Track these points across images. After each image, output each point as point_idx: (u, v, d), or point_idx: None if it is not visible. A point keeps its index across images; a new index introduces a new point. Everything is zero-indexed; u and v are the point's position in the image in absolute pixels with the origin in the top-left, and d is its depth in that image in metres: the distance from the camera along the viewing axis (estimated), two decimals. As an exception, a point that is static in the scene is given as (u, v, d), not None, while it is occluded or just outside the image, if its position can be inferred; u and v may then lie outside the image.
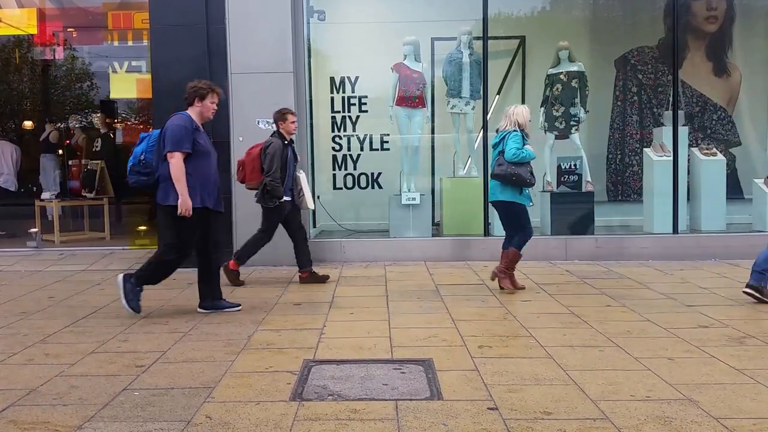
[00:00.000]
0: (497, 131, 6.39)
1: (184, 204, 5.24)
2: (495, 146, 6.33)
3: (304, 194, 6.91)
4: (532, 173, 6.20)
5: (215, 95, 5.55)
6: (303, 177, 6.99)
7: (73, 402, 3.56)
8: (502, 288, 6.34)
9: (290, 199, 6.81)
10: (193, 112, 5.51)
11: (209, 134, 7.77)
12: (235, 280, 6.75)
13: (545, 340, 4.61)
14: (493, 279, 6.44)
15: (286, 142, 6.72)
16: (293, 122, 6.78)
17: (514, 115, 6.20)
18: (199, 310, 5.64)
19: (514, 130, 6.15)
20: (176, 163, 5.27)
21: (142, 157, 5.46)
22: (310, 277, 6.92)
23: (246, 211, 7.86)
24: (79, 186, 10.29)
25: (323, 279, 6.94)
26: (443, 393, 3.60)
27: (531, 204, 6.37)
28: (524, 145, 6.12)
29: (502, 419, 3.24)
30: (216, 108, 5.64)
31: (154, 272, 5.54)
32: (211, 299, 5.65)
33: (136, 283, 5.46)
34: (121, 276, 5.48)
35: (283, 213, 6.77)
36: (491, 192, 6.41)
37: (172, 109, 7.66)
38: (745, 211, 8.93)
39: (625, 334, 4.76)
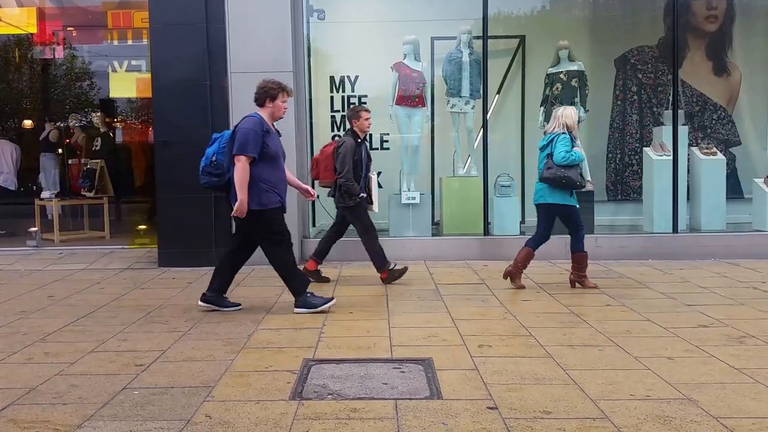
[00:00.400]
0: (544, 134, 6.39)
1: (241, 207, 5.26)
2: (542, 149, 6.31)
3: (372, 196, 6.84)
4: (581, 175, 6.22)
5: (286, 94, 5.53)
6: (374, 179, 6.92)
7: (72, 401, 3.56)
8: (587, 286, 6.38)
9: (365, 196, 6.71)
10: (264, 113, 5.49)
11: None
12: (396, 274, 6.70)
13: (545, 340, 4.61)
14: (573, 285, 6.46)
15: (359, 140, 6.65)
16: (367, 119, 6.70)
17: (562, 117, 6.19)
18: (199, 303, 5.63)
19: (563, 133, 6.14)
20: (241, 166, 5.26)
21: (214, 158, 5.47)
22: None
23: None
24: (88, 184, 10.28)
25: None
26: (443, 392, 3.60)
27: (577, 206, 6.37)
28: (573, 147, 6.12)
29: (501, 418, 3.24)
30: (286, 107, 5.64)
31: (294, 277, 5.60)
32: (218, 294, 5.66)
33: (297, 297, 5.54)
34: (295, 309, 5.54)
35: (364, 207, 6.70)
36: (538, 195, 6.35)
37: (172, 108, 7.79)
38: (745, 210, 8.93)
39: (625, 334, 4.76)
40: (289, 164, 7.81)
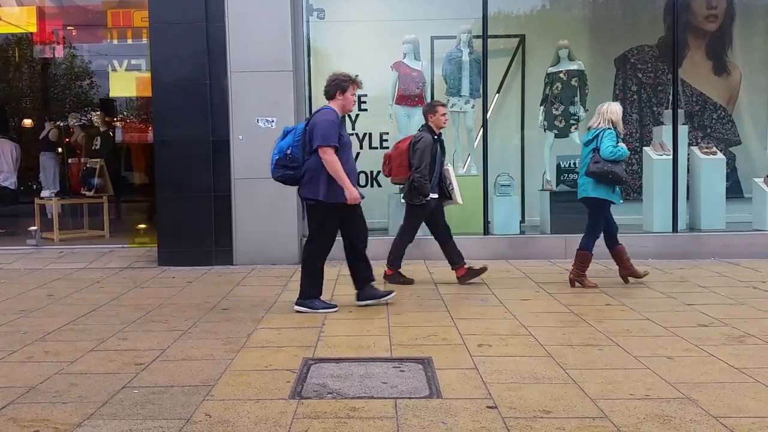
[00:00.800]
0: (589, 129, 6.41)
1: (351, 194, 5.31)
2: (587, 144, 6.33)
3: (454, 188, 6.68)
4: (626, 171, 6.24)
5: (355, 87, 5.56)
6: (451, 171, 6.78)
7: (72, 400, 3.56)
8: (626, 281, 6.52)
9: (437, 196, 6.56)
10: (335, 105, 5.51)
11: (212, 132, 7.88)
12: (404, 280, 6.65)
13: (544, 339, 4.61)
14: (626, 281, 6.53)
15: (435, 136, 6.49)
16: (444, 115, 6.54)
17: (607, 113, 6.21)
18: (296, 308, 5.58)
19: (608, 128, 6.16)
20: (331, 157, 5.28)
21: (289, 151, 5.44)
22: (467, 274, 6.60)
23: (245, 210, 7.88)
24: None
25: (482, 270, 6.59)
26: (442, 391, 3.60)
27: (620, 202, 6.39)
28: (618, 142, 6.14)
29: (501, 417, 3.24)
30: (355, 100, 5.69)
31: (311, 274, 5.59)
32: (366, 288, 5.71)
33: (307, 301, 5.54)
34: (296, 306, 5.56)
35: (428, 211, 6.57)
36: (582, 189, 6.35)
37: (172, 107, 7.79)
38: (744, 210, 8.92)
39: (625, 333, 4.76)
40: (288, 163, 7.88)
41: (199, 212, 7.87)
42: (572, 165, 8.67)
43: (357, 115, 9.63)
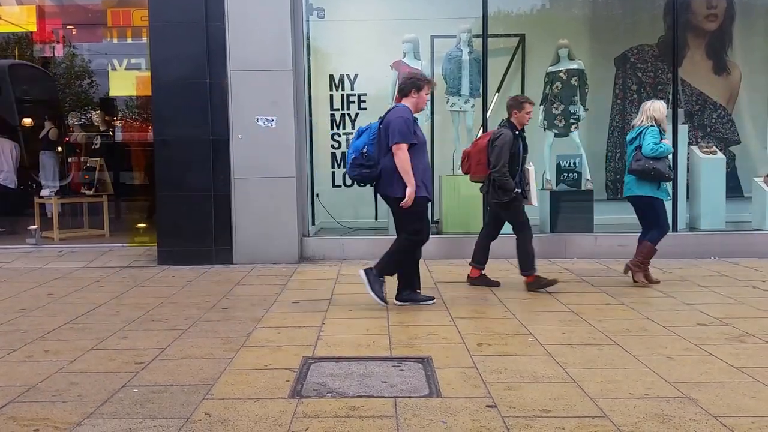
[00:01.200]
0: (633, 127, 6.42)
1: (411, 195, 5.31)
2: (630, 142, 6.35)
3: (531, 189, 6.39)
4: (670, 167, 6.24)
5: (430, 86, 5.62)
6: (532, 171, 6.44)
7: (72, 399, 3.56)
8: (635, 281, 6.40)
9: (520, 191, 6.27)
10: (408, 103, 5.54)
11: (212, 131, 7.88)
12: (543, 283, 6.20)
13: (544, 338, 4.62)
14: (626, 272, 6.48)
15: (517, 132, 6.25)
16: (529, 112, 6.31)
17: (650, 111, 6.23)
18: (395, 301, 5.62)
19: (651, 125, 6.18)
20: (404, 155, 5.31)
21: (365, 150, 5.47)
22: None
23: (245, 209, 7.87)
24: (88, 182, 10.30)
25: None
26: (442, 390, 3.61)
27: (668, 198, 6.38)
28: (661, 140, 6.15)
29: (500, 417, 3.24)
30: (429, 100, 5.68)
31: (394, 262, 5.61)
32: (409, 291, 5.68)
33: (378, 274, 5.57)
34: (362, 270, 5.65)
35: (521, 202, 6.28)
36: (627, 187, 6.38)
37: (172, 106, 7.79)
38: (744, 209, 8.93)
39: (624, 332, 4.76)
40: (288, 162, 7.90)
41: (199, 211, 7.87)
42: (572, 164, 8.66)
43: (357, 114, 9.64)
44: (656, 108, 6.24)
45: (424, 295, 5.77)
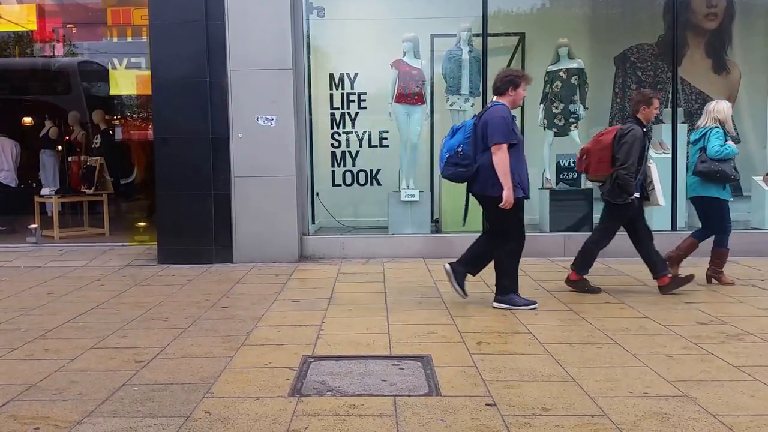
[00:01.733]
0: (696, 128, 6.39)
1: (509, 197, 5.27)
2: (694, 143, 6.32)
3: (654, 188, 6.08)
4: (735, 168, 6.18)
5: (527, 82, 5.55)
6: (654, 169, 6.16)
7: (72, 397, 3.57)
8: (728, 284, 6.38)
9: (638, 196, 5.96)
10: (505, 101, 5.48)
11: (212, 130, 7.89)
12: (590, 288, 6.10)
13: (543, 337, 4.63)
14: (710, 282, 6.44)
15: (645, 129, 5.96)
16: (657, 108, 6.04)
17: (714, 112, 6.18)
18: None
19: (716, 127, 6.15)
20: (503, 156, 5.25)
21: (460, 148, 5.42)
22: (672, 283, 5.99)
23: (244, 208, 7.88)
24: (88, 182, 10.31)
25: (688, 279, 6.03)
26: (441, 389, 3.61)
27: (731, 199, 6.32)
28: (726, 141, 6.12)
29: (500, 415, 3.25)
30: (526, 95, 5.65)
31: (507, 272, 5.53)
32: (505, 293, 5.57)
33: (503, 293, 5.52)
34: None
35: (631, 211, 5.95)
36: (691, 188, 6.33)
37: (172, 105, 7.79)
38: (743, 208, 8.92)
39: (623, 331, 4.77)
40: (287, 161, 7.90)
41: (199, 210, 7.87)
42: (571, 163, 8.66)
43: (357, 114, 9.65)
44: (720, 109, 6.19)
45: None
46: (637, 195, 5.92)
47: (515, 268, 5.58)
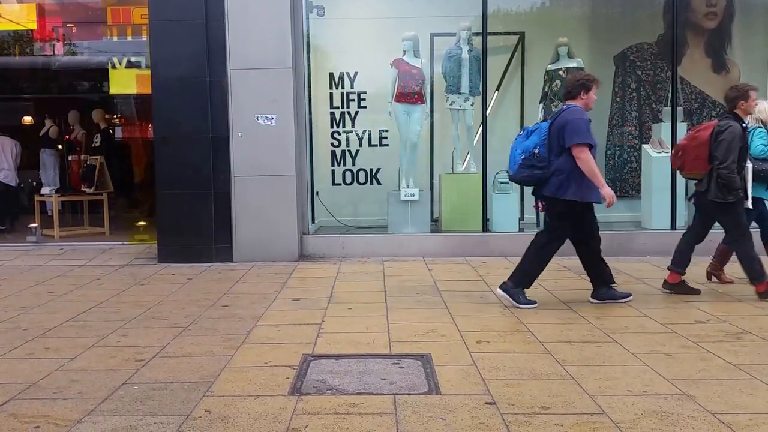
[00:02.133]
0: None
1: (610, 194, 5.26)
2: None
3: (747, 189, 5.81)
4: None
5: (597, 86, 5.57)
6: (750, 168, 5.83)
7: (73, 396, 3.58)
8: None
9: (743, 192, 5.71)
10: (579, 104, 5.47)
11: (212, 129, 7.89)
12: (689, 290, 5.96)
13: (543, 336, 4.63)
14: (709, 279, 6.45)
15: (744, 125, 5.75)
16: (755, 100, 5.86)
17: (756, 113, 6.14)
18: (591, 300, 5.59)
19: (759, 127, 6.14)
20: (588, 157, 5.22)
21: (536, 150, 5.37)
22: (678, 287, 5.97)
23: (244, 207, 7.89)
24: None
25: (695, 291, 5.97)
26: (441, 387, 3.62)
27: None
28: None
29: (499, 413, 3.26)
30: (596, 98, 5.65)
31: (535, 263, 5.52)
32: (605, 288, 5.60)
33: (516, 285, 5.49)
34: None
35: (743, 205, 5.72)
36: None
37: (172, 104, 7.80)
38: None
39: (623, 330, 4.78)
40: (287, 160, 7.91)
41: (199, 209, 7.88)
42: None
43: (356, 113, 9.66)
44: (761, 109, 6.16)
45: (621, 292, 5.66)
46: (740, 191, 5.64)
47: (540, 270, 5.56)
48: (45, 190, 10.73)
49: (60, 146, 12.59)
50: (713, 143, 5.65)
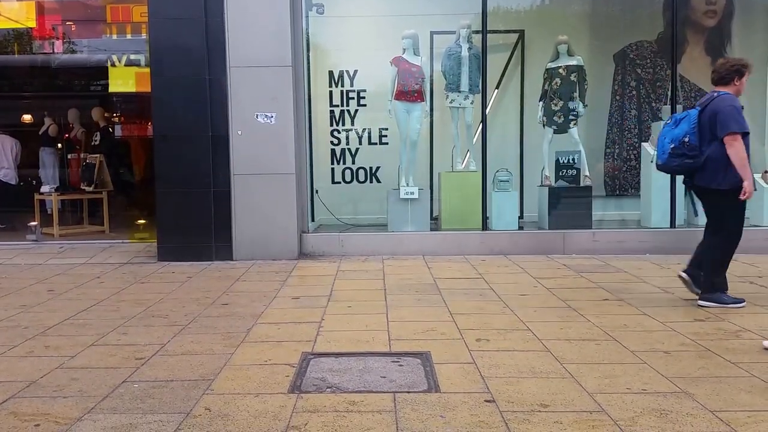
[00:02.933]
0: None
1: (749, 188, 5.14)
2: None
3: None
4: None
5: (749, 72, 5.44)
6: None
7: (73, 394, 3.58)
8: None
9: None
10: (731, 91, 5.36)
11: (211, 127, 7.89)
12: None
13: (542, 334, 4.64)
14: None
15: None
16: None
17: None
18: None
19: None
20: (740, 146, 5.09)
21: (686, 139, 5.25)
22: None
23: (244, 205, 7.89)
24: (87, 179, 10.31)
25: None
26: (441, 385, 3.63)
27: None
28: None
29: (499, 411, 3.26)
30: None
31: (719, 266, 5.43)
32: (711, 290, 5.41)
33: (708, 291, 5.37)
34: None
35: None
36: None
37: (171, 102, 7.79)
38: (742, 205, 8.93)
39: (622, 328, 4.78)
40: (287, 159, 7.91)
41: (199, 207, 7.88)
42: (571, 161, 8.69)
43: (356, 111, 9.67)
44: None
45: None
46: None
47: (726, 266, 5.44)
48: (44, 188, 10.72)
49: (59, 145, 12.59)
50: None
